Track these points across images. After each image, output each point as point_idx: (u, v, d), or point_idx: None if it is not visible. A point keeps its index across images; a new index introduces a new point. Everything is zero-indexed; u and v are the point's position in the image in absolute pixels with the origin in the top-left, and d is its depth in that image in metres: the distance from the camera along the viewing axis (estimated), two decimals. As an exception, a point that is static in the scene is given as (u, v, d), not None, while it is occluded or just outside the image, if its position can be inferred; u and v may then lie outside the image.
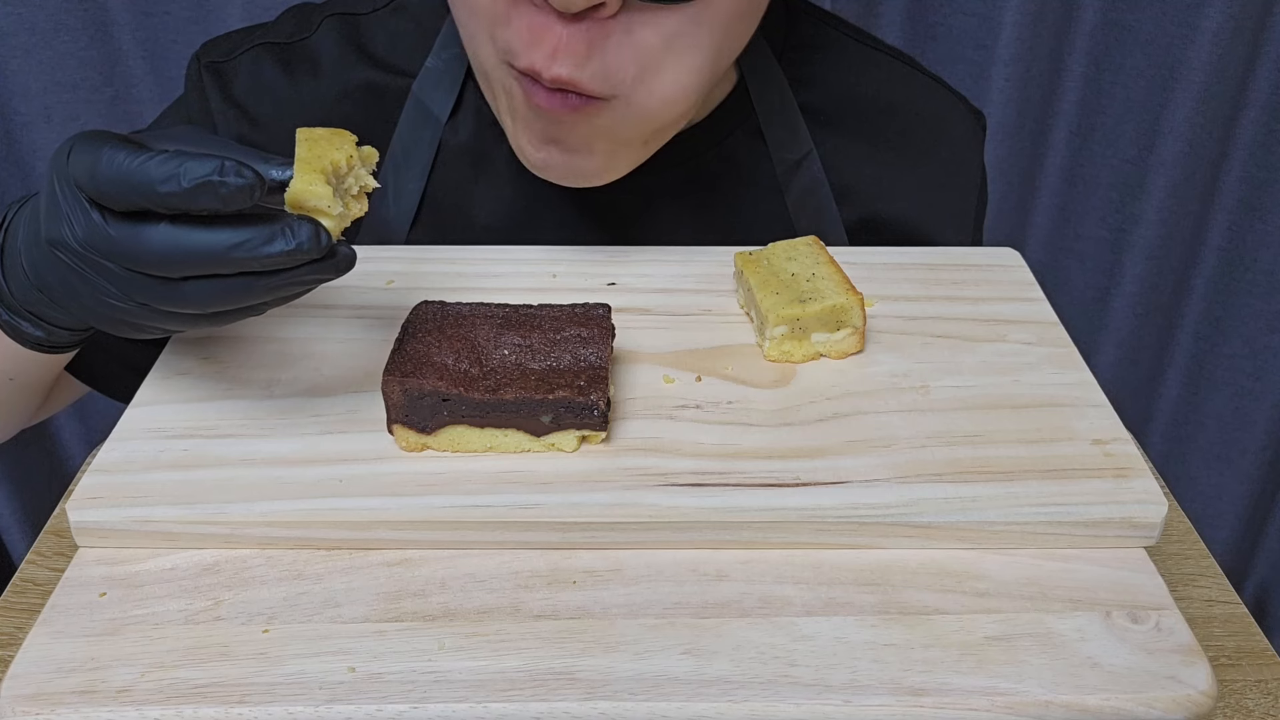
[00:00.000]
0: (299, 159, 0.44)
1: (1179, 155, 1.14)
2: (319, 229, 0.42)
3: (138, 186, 0.41)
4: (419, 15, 0.69)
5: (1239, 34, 1.07)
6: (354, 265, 0.44)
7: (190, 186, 0.40)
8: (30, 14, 1.01)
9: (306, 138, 0.45)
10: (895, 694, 0.40)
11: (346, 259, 0.44)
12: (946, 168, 0.74)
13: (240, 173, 0.40)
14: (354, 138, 0.46)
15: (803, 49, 0.71)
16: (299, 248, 0.41)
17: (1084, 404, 0.52)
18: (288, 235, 0.41)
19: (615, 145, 0.58)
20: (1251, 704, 0.59)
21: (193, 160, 0.40)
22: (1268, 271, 1.22)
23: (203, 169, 0.40)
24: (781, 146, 0.69)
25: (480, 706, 0.39)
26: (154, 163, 0.40)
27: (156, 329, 0.47)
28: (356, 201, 0.46)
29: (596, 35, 0.52)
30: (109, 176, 0.41)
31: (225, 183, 0.40)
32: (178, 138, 0.46)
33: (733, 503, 0.45)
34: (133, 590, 0.43)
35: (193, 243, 0.41)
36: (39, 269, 0.48)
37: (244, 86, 0.68)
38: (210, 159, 0.40)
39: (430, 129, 0.67)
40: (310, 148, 0.45)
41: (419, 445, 0.48)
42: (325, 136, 0.46)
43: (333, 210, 0.43)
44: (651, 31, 0.53)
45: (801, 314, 0.53)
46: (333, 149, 0.45)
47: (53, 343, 0.54)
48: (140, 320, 0.46)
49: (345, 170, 0.45)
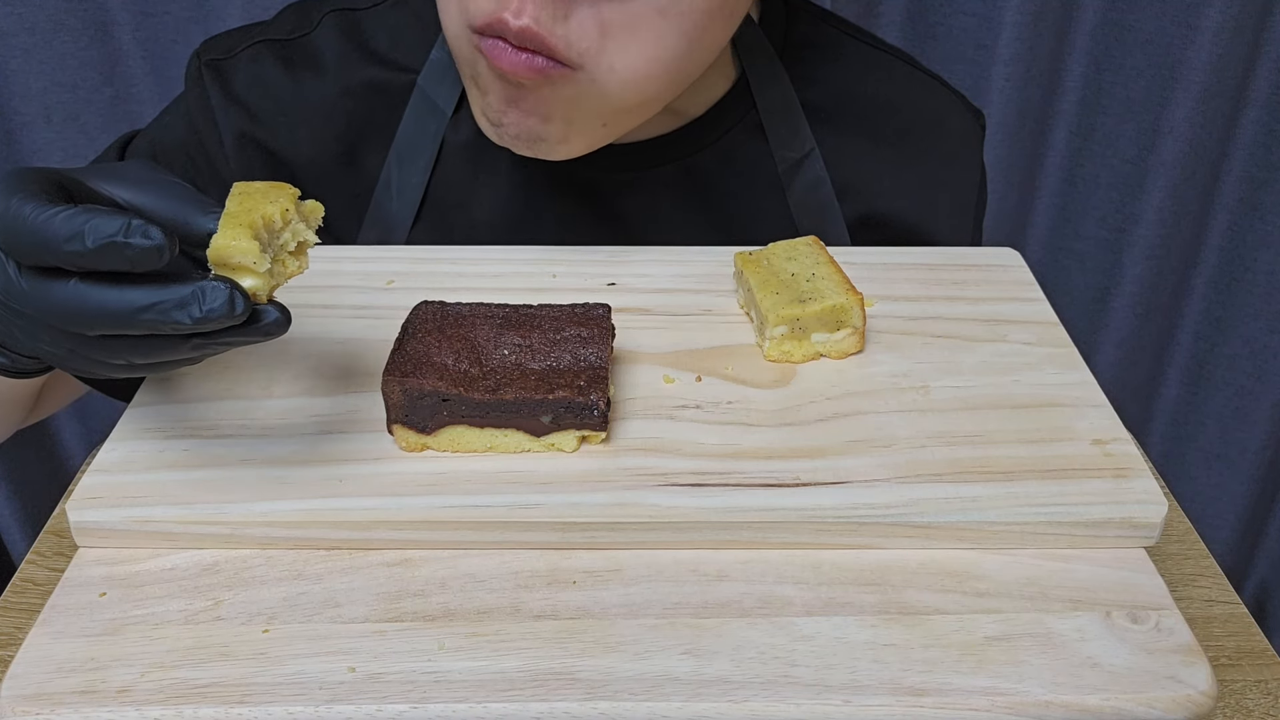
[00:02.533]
0: (226, 213, 0.41)
1: (1179, 155, 1.14)
2: (235, 294, 0.39)
3: (42, 243, 0.38)
4: (419, 9, 0.69)
5: (1239, 34, 1.07)
6: (287, 329, 0.42)
7: (95, 247, 0.38)
8: (30, 14, 1.01)
9: (240, 192, 0.42)
10: (895, 694, 0.40)
11: (276, 324, 0.41)
12: (946, 165, 0.74)
13: (147, 234, 0.38)
14: (296, 192, 0.43)
15: (803, 47, 0.71)
16: (208, 315, 0.39)
17: (1084, 404, 0.52)
18: (198, 300, 0.39)
19: (573, 118, 0.58)
20: (1251, 704, 0.59)
21: (99, 218, 0.38)
22: (1268, 271, 1.22)
23: (108, 228, 0.38)
24: (783, 144, 0.70)
25: (480, 706, 0.39)
26: (59, 219, 0.38)
27: (97, 374, 0.45)
28: (295, 258, 0.43)
29: (560, 4, 0.53)
30: (14, 230, 0.39)
31: (130, 244, 0.38)
32: (125, 174, 0.44)
33: (733, 503, 0.45)
34: (133, 590, 0.43)
35: (100, 302, 0.39)
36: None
37: (245, 83, 0.68)
38: (117, 217, 0.38)
39: (435, 121, 0.68)
40: (241, 202, 0.42)
41: (419, 445, 0.48)
42: (261, 190, 0.43)
43: (259, 267, 0.40)
44: (617, 10, 0.54)
45: (801, 314, 0.53)
46: (266, 202, 0.42)
47: (20, 369, 0.54)
48: (76, 366, 0.44)
49: (280, 225, 0.42)
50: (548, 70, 0.55)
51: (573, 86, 0.56)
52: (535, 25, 0.53)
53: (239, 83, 0.68)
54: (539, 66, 0.54)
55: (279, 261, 0.42)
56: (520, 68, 0.54)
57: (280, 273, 0.42)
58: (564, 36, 0.54)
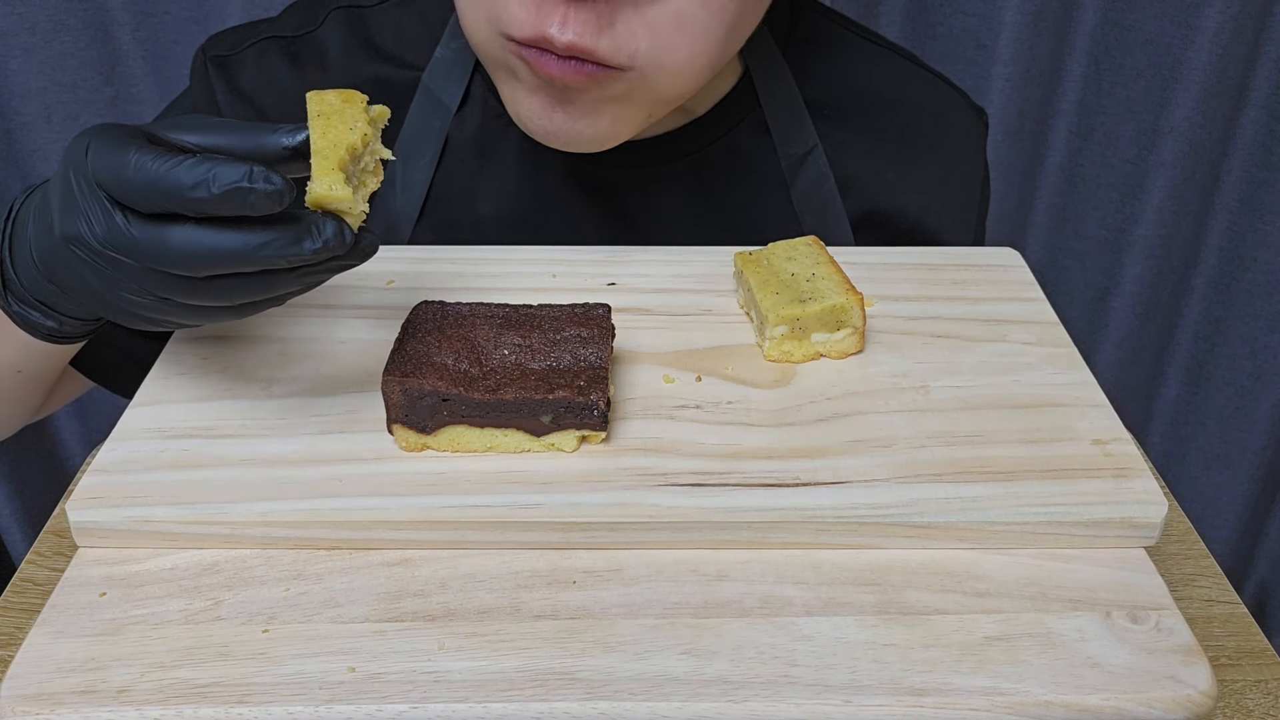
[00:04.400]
0: (315, 150, 0.43)
1: (1179, 155, 1.14)
2: (343, 226, 0.42)
3: (166, 191, 0.41)
4: (424, 7, 0.69)
5: (1239, 34, 1.07)
6: (377, 251, 0.45)
7: (220, 193, 0.40)
8: (30, 14, 1.01)
9: (318, 112, 0.44)
10: (895, 694, 0.40)
11: (372, 245, 0.44)
12: (949, 163, 0.74)
13: (269, 179, 0.40)
14: (364, 99, 0.45)
15: (807, 44, 0.71)
16: (325, 245, 0.42)
17: (1084, 404, 0.52)
18: (314, 234, 0.42)
19: (621, 113, 0.59)
20: (1251, 704, 0.59)
21: (222, 166, 0.40)
22: (1268, 271, 1.22)
23: (232, 175, 0.40)
24: (787, 140, 0.70)
25: (480, 706, 0.39)
26: (183, 168, 0.40)
27: (173, 323, 0.47)
28: (373, 176, 0.46)
29: (604, 10, 0.53)
30: (136, 180, 0.41)
31: (254, 189, 0.40)
32: (186, 125, 0.46)
33: (733, 503, 0.45)
34: (133, 590, 0.43)
35: (219, 244, 0.41)
36: (50, 263, 0.47)
37: (251, 80, 0.68)
38: (239, 165, 0.40)
39: (440, 119, 0.68)
40: (324, 131, 0.44)
41: (419, 445, 0.48)
42: (337, 108, 0.45)
43: (354, 210, 0.43)
44: (661, 10, 0.54)
45: (801, 314, 0.53)
46: (346, 128, 0.44)
47: (64, 333, 0.54)
48: (157, 314, 0.46)
49: (361, 150, 0.44)
50: (597, 75, 0.55)
51: (623, 85, 0.56)
52: (581, 39, 0.53)
53: (245, 79, 0.68)
54: (589, 72, 0.55)
55: (361, 184, 0.45)
56: (570, 74, 0.54)
57: (364, 195, 0.45)
58: (611, 43, 0.54)
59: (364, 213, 0.44)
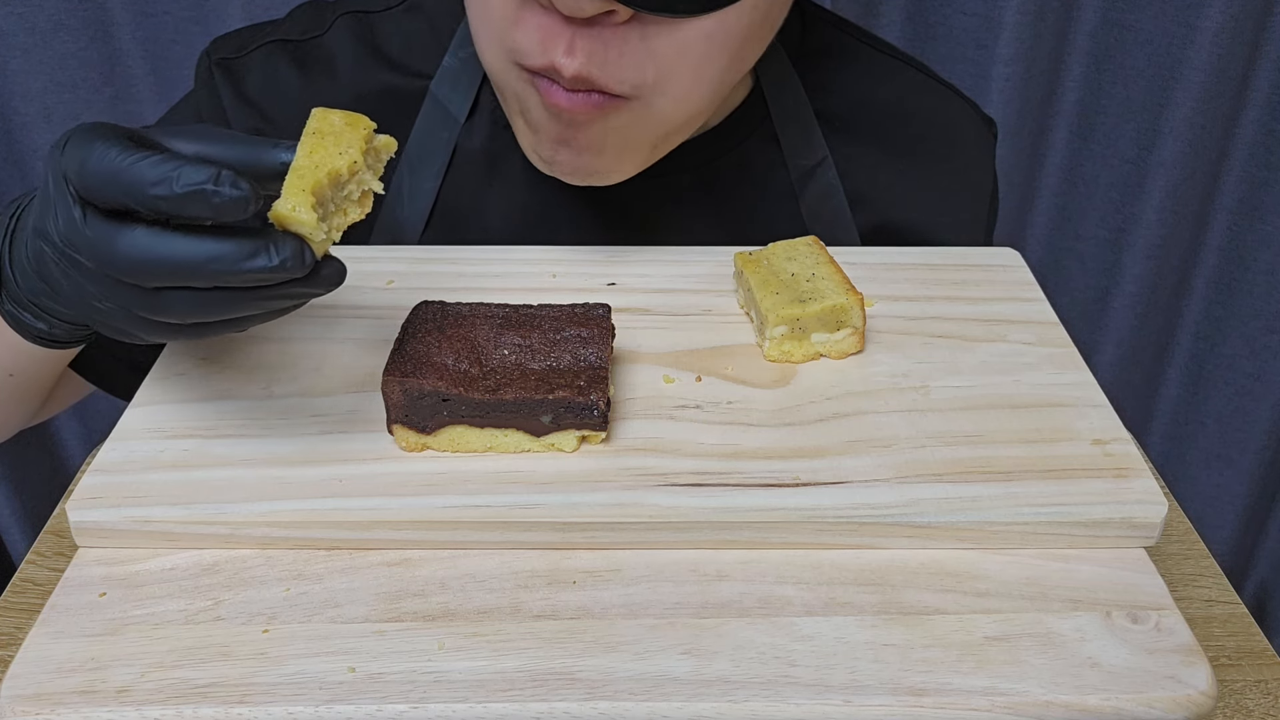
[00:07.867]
0: (294, 167, 0.41)
1: (1179, 155, 1.14)
2: (304, 248, 0.40)
3: (127, 186, 0.39)
4: (433, 15, 0.69)
5: (1239, 34, 1.07)
6: (343, 281, 0.42)
7: (183, 192, 0.38)
8: (30, 14, 1.01)
9: (314, 130, 0.42)
10: (895, 694, 0.40)
11: (336, 274, 0.42)
12: (959, 176, 0.74)
13: (236, 184, 0.38)
14: (370, 129, 0.43)
15: (818, 55, 0.71)
16: (281, 265, 0.39)
17: (1084, 404, 0.52)
18: (270, 252, 0.39)
19: (626, 146, 0.59)
20: (1251, 704, 0.59)
21: (189, 166, 0.38)
22: (1268, 271, 1.22)
23: (197, 176, 0.38)
24: (796, 153, 0.70)
25: (480, 706, 0.39)
26: (148, 163, 0.39)
27: (139, 337, 0.45)
28: (356, 206, 0.43)
29: (610, 38, 0.53)
30: (97, 171, 0.39)
31: (219, 192, 0.38)
32: (190, 134, 0.44)
33: (733, 503, 0.45)
34: (133, 590, 0.43)
35: (168, 251, 0.39)
36: (37, 260, 0.47)
37: (257, 83, 0.68)
38: (206, 167, 0.38)
39: (448, 129, 0.67)
40: (312, 149, 0.42)
41: (419, 445, 0.48)
42: (336, 130, 0.43)
43: (315, 238, 0.40)
44: (666, 41, 0.53)
45: (801, 314, 0.53)
46: (335, 151, 0.42)
47: (54, 336, 0.54)
48: (122, 324, 0.44)
49: (346, 178, 0.42)
50: (603, 105, 0.55)
51: (627, 114, 0.56)
52: (586, 68, 0.53)
53: (251, 82, 0.68)
54: (595, 103, 0.55)
55: (339, 211, 0.43)
56: (577, 106, 0.55)
57: (340, 224, 0.43)
58: (617, 73, 0.54)
59: (329, 240, 0.42)
